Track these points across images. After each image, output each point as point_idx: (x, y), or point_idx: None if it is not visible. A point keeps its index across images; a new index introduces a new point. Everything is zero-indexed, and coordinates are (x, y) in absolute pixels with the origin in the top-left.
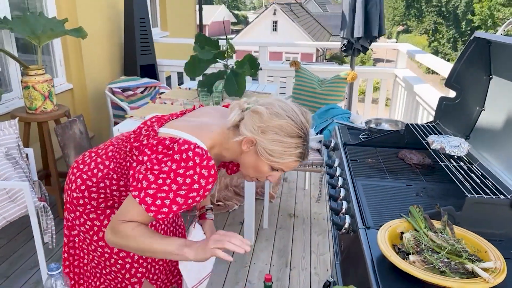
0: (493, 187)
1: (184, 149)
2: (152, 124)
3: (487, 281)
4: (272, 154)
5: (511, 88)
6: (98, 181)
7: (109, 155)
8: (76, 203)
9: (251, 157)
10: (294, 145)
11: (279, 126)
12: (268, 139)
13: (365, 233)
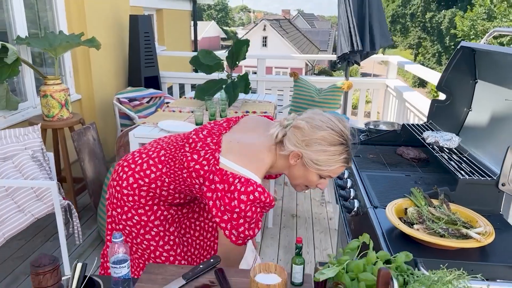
0: (481, 171)
1: (250, 190)
2: (206, 139)
3: (479, 240)
4: (319, 164)
5: (494, 90)
6: (150, 182)
7: (162, 159)
8: (126, 199)
9: (299, 169)
10: (338, 152)
11: (321, 137)
12: (313, 151)
13: (374, 211)
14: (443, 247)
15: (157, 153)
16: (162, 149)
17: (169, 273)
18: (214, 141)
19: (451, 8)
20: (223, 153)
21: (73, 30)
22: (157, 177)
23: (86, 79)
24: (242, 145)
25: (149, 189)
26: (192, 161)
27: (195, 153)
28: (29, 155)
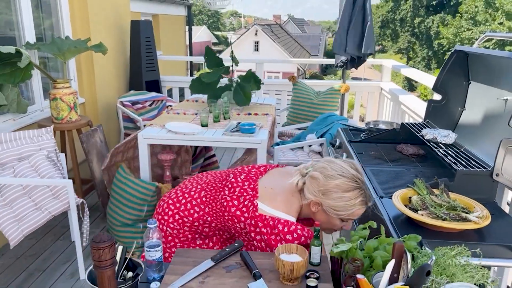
0: (477, 164)
1: (293, 230)
2: (243, 184)
3: (477, 222)
4: (338, 209)
5: (486, 91)
6: (193, 220)
7: (203, 200)
8: (171, 231)
9: (322, 215)
10: (354, 197)
11: (336, 185)
12: (330, 199)
13: (380, 201)
14: (446, 229)
15: (198, 194)
16: (203, 190)
17: (198, 256)
18: (251, 186)
19: (439, 13)
20: (260, 199)
21: (77, 34)
22: (200, 216)
23: (90, 83)
24: (275, 191)
25: (192, 226)
26: (232, 207)
27: (235, 199)
28: (44, 155)
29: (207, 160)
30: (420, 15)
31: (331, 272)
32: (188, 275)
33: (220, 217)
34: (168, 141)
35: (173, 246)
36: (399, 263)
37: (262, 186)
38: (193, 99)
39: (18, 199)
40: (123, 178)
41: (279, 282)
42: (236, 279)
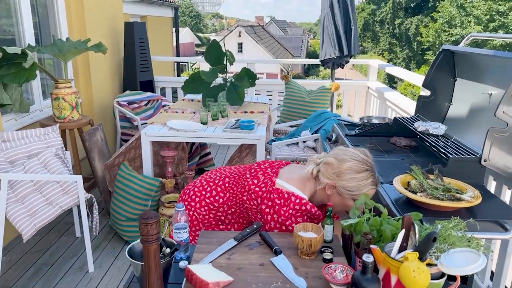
0: (466, 151)
1: (304, 203)
2: (266, 169)
3: (470, 201)
4: (351, 190)
5: (471, 86)
6: (218, 206)
7: (226, 186)
8: (197, 216)
9: (336, 198)
10: (365, 177)
11: (348, 167)
12: (344, 180)
13: (381, 186)
14: (443, 208)
15: (222, 181)
16: (226, 177)
17: (221, 237)
18: (273, 171)
19: (417, 15)
20: (278, 177)
21: (73, 36)
22: (224, 202)
23: (86, 83)
24: (292, 175)
25: (217, 212)
26: (252, 185)
27: (255, 178)
28: (53, 152)
29: (203, 158)
30: (399, 17)
31: (343, 248)
32: (215, 253)
33: (239, 199)
34: (170, 138)
35: (197, 229)
36: (407, 233)
37: (282, 171)
38: (189, 99)
39: (29, 195)
40: (127, 175)
41: (297, 257)
42: (259, 255)
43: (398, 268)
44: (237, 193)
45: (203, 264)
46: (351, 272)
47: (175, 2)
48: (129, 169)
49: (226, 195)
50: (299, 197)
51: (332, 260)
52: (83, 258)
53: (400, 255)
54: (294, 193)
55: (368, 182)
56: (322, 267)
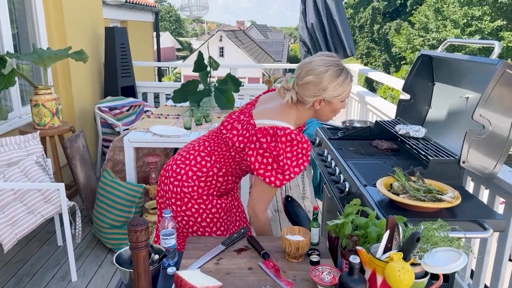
0: (446, 153)
1: (288, 133)
2: (239, 117)
3: (450, 202)
4: (339, 95)
5: (449, 91)
6: (207, 171)
7: (209, 150)
8: (186, 191)
9: (326, 107)
10: (344, 77)
11: (329, 76)
12: (330, 90)
13: (364, 188)
14: (424, 209)
15: (203, 146)
16: (205, 141)
17: (209, 243)
18: (246, 115)
19: (395, 20)
20: (255, 118)
21: (53, 41)
22: (212, 165)
23: (66, 89)
24: (269, 109)
25: (206, 179)
26: (234, 137)
27: (234, 129)
28: (33, 160)
29: None
30: (378, 22)
31: (329, 250)
32: (203, 258)
33: (227, 157)
34: (154, 144)
35: (190, 208)
36: (392, 234)
37: (256, 112)
38: (172, 104)
39: (9, 204)
40: (110, 182)
41: (285, 260)
42: (247, 259)
43: (383, 269)
44: (223, 152)
45: (192, 270)
46: (338, 273)
47: (155, 7)
48: (112, 176)
49: (212, 158)
50: (283, 128)
51: (319, 262)
52: (66, 267)
53: (385, 255)
54: (278, 126)
55: (348, 81)
56: (310, 269)
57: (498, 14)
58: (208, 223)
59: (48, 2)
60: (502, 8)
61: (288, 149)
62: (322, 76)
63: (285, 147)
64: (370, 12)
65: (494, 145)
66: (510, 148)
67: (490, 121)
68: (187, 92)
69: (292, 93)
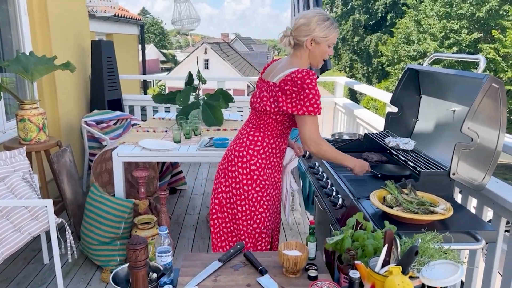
0: (435, 165)
1: (300, 71)
2: (261, 89)
3: (443, 214)
4: (325, 36)
5: (435, 103)
6: (262, 142)
7: (256, 126)
8: (254, 168)
9: (316, 48)
10: (330, 23)
11: (317, 19)
12: (318, 30)
13: (358, 201)
14: (418, 221)
15: (249, 127)
16: (249, 122)
17: (205, 259)
18: (265, 84)
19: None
20: (273, 79)
21: (38, 54)
22: (263, 137)
23: (52, 103)
24: (278, 68)
25: (264, 150)
26: (266, 102)
27: (264, 98)
28: (20, 176)
29: (174, 177)
30: (359, 34)
31: (326, 264)
32: (201, 276)
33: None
34: (143, 158)
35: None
36: (390, 248)
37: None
38: (160, 117)
39: None
40: (98, 197)
41: (283, 276)
42: (245, 276)
43: (383, 283)
44: (266, 121)
45: (189, 287)
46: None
47: (140, 20)
48: (100, 191)
49: (261, 131)
50: (296, 70)
51: (317, 277)
52: (53, 286)
53: (384, 269)
54: (292, 70)
55: (334, 25)
56: (309, 284)
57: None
58: (271, 196)
59: (34, 16)
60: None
61: (308, 81)
62: (311, 19)
63: (304, 81)
64: (351, 24)
65: (482, 157)
66: (497, 159)
67: (478, 133)
68: (166, 98)
69: (290, 38)
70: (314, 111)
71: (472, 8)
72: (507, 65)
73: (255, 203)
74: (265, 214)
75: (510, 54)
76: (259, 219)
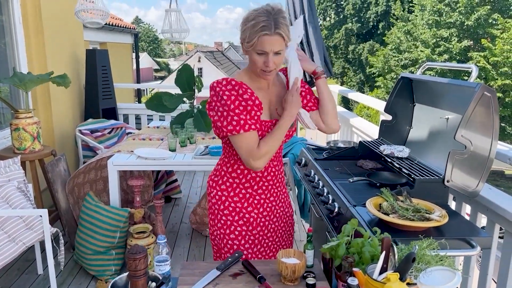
0: (430, 173)
1: (217, 83)
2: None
3: (438, 220)
4: (246, 40)
5: (429, 111)
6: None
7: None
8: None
9: (248, 57)
10: (256, 24)
11: (245, 18)
12: (241, 32)
13: (354, 209)
14: (414, 228)
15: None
16: None
17: (203, 268)
18: None
19: (368, 41)
20: None
21: (33, 63)
22: (221, 164)
23: (46, 112)
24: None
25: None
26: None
27: None
28: (14, 186)
29: (169, 185)
30: (352, 43)
31: (324, 272)
32: (199, 284)
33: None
34: (139, 167)
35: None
36: (387, 255)
37: None
38: (155, 126)
39: None
40: (93, 206)
41: (281, 284)
42: (243, 284)
43: None
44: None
45: None
46: None
47: (134, 29)
48: (95, 200)
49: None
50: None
51: (315, 284)
52: None
53: (382, 276)
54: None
55: (259, 28)
56: None
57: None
58: (242, 236)
59: (29, 24)
60: (468, 30)
61: (213, 93)
62: (243, 18)
63: (215, 93)
64: (344, 33)
65: (476, 164)
66: (491, 166)
67: (472, 141)
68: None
69: None
70: (233, 130)
71: (461, 16)
72: (497, 73)
73: (219, 242)
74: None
75: (499, 62)
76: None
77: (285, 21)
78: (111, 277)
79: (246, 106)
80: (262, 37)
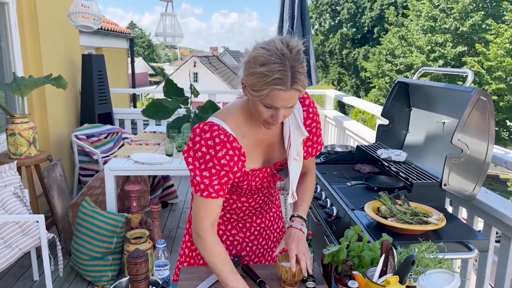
0: (427, 176)
1: (200, 130)
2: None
3: (436, 224)
4: (253, 88)
5: (425, 115)
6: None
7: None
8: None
9: (252, 103)
10: (268, 74)
11: (253, 57)
12: (246, 75)
13: (352, 212)
14: (412, 232)
15: None
16: None
17: (202, 272)
18: None
19: (363, 46)
20: None
21: (28, 68)
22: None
23: (42, 117)
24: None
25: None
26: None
27: None
28: (11, 191)
29: (166, 190)
30: (347, 47)
31: (323, 275)
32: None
33: None
34: (136, 172)
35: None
36: (387, 258)
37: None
38: (151, 131)
39: None
40: (90, 211)
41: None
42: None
43: None
44: None
45: None
46: None
47: (129, 34)
48: (91, 205)
49: None
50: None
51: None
52: None
53: (381, 279)
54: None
55: (271, 80)
56: None
57: (460, 41)
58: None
59: (25, 29)
60: (462, 36)
61: (191, 145)
62: (250, 54)
63: (191, 144)
64: (339, 38)
65: (472, 168)
66: (487, 170)
67: (468, 145)
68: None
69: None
70: (196, 190)
71: (456, 22)
72: (491, 77)
73: (197, 262)
74: None
75: (493, 67)
76: None
77: (303, 69)
78: (108, 283)
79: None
80: (274, 91)
